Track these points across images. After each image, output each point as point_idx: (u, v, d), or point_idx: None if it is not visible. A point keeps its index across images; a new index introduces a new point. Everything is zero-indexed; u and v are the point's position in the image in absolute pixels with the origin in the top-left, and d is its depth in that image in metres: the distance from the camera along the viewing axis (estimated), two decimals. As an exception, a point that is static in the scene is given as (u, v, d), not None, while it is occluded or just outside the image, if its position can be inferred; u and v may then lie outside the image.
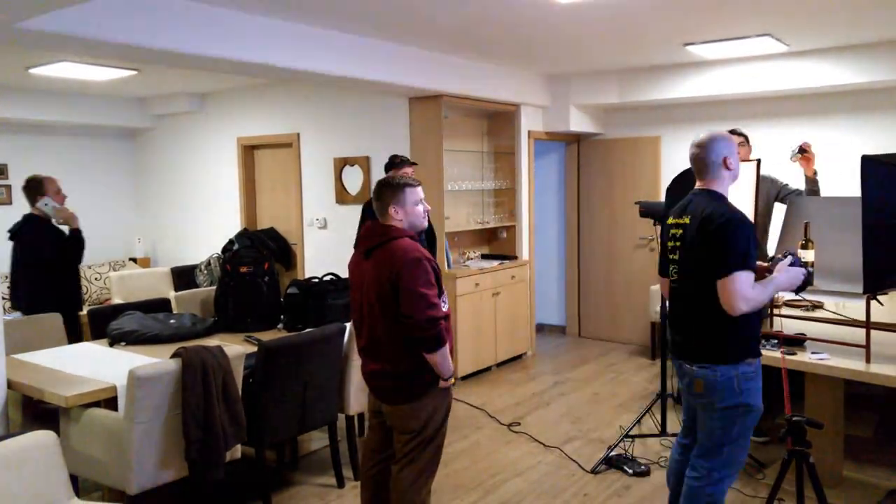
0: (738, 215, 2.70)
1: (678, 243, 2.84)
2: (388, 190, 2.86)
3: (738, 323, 2.68)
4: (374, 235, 2.87)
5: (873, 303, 3.32)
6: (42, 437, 2.31)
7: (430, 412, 2.87)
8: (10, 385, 3.36)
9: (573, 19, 4.55)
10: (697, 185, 2.89)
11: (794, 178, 6.17)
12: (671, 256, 2.89)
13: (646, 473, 4.09)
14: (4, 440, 2.19)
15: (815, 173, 4.55)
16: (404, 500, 2.89)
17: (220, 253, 6.99)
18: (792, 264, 2.87)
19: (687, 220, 2.80)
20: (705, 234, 2.69)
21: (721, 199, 2.80)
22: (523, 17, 4.49)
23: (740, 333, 2.73)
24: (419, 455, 2.89)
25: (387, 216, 2.87)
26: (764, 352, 3.60)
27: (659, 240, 3.12)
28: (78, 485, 3.44)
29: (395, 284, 2.74)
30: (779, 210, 4.65)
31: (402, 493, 2.89)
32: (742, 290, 2.61)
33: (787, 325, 4.01)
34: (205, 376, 3.23)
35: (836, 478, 3.82)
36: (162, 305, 4.90)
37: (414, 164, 5.14)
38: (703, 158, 2.83)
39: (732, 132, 4.66)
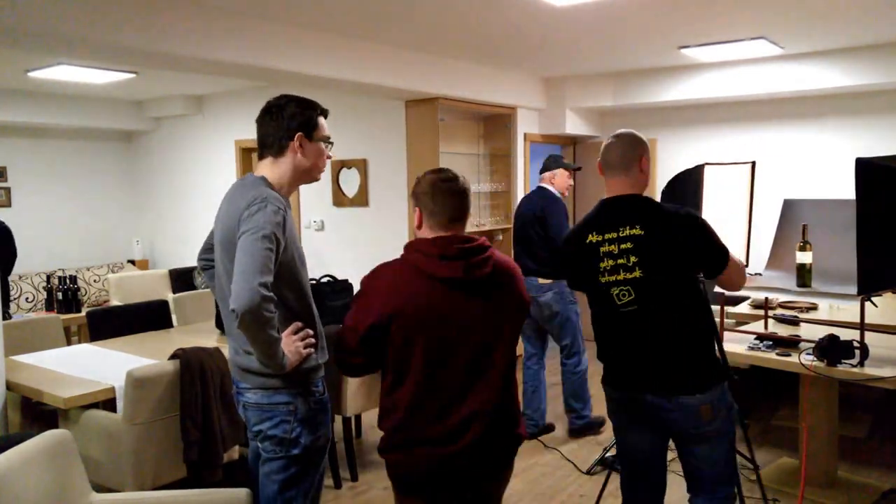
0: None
1: (632, 259, 2.37)
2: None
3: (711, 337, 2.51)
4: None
5: (867, 304, 3.34)
6: (59, 436, 2.35)
7: None
8: (9, 386, 3.38)
9: (569, 22, 4.58)
10: (617, 189, 2.48)
11: (786, 181, 6.23)
12: (612, 278, 2.40)
13: (642, 474, 4.11)
14: (24, 442, 2.22)
15: None
16: None
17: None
18: None
19: (640, 231, 2.37)
20: (683, 238, 2.36)
21: (653, 200, 2.48)
22: (519, 21, 4.52)
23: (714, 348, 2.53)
24: None
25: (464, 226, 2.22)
26: (759, 354, 3.63)
27: (565, 258, 2.60)
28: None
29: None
30: (772, 213, 4.67)
31: None
32: (742, 263, 2.53)
33: (781, 326, 4.03)
34: (203, 377, 3.25)
35: (830, 479, 3.84)
36: (160, 307, 4.92)
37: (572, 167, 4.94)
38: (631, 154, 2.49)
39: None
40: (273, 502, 2.34)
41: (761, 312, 4.17)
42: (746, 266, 3.65)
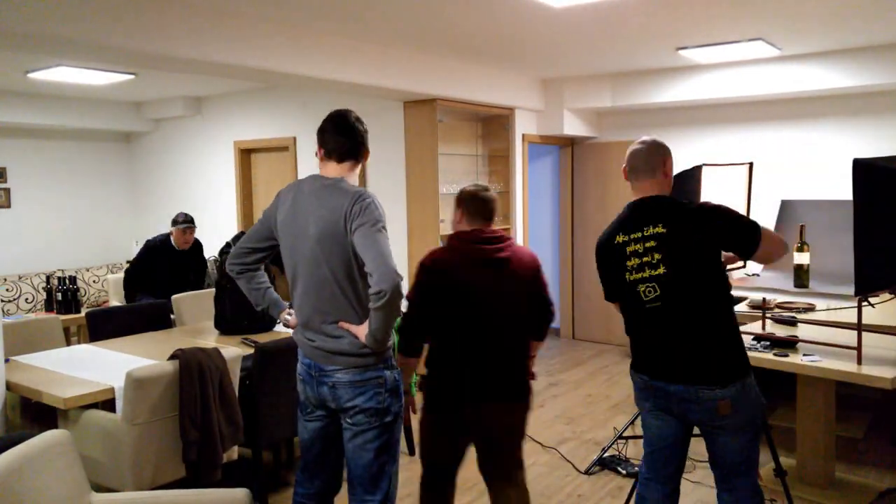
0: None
1: (656, 256, 2.48)
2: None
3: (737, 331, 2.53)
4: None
5: (865, 305, 3.35)
6: (58, 436, 2.35)
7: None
8: (9, 386, 3.38)
9: (567, 23, 4.59)
10: (643, 192, 2.61)
11: (784, 182, 6.26)
12: (638, 275, 2.52)
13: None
14: (23, 443, 2.23)
15: None
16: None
17: (216, 256, 7.01)
18: None
19: (662, 229, 2.48)
20: (708, 228, 2.44)
21: (677, 200, 2.59)
22: (518, 22, 4.53)
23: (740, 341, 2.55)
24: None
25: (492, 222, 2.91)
26: (756, 354, 3.65)
27: (598, 263, 2.73)
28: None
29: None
30: (770, 213, 4.69)
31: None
32: (776, 233, 2.51)
33: (778, 327, 4.05)
34: (202, 378, 3.25)
35: (827, 479, 3.85)
36: (159, 308, 4.93)
37: None
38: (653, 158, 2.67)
39: None
40: (368, 470, 2.54)
41: (759, 313, 4.18)
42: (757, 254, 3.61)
